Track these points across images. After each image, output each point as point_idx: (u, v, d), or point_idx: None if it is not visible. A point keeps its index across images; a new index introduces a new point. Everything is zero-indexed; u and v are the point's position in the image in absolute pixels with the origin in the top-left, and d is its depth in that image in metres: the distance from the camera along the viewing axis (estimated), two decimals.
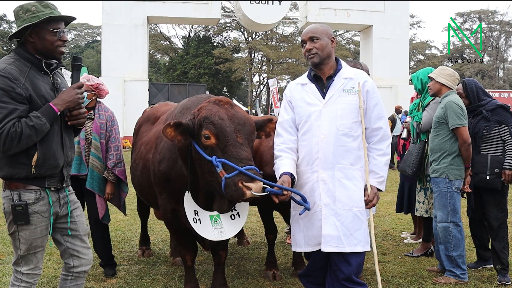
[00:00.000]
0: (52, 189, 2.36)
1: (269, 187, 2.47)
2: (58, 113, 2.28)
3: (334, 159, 2.58)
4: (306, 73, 2.81)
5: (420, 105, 4.45)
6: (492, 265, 4.09)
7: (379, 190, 2.64)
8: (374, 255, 2.68)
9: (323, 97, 2.65)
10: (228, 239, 3.42)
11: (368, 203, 2.60)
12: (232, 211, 2.89)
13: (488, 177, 3.78)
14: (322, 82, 2.70)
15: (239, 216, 2.92)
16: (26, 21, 2.26)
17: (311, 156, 2.62)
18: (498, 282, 3.74)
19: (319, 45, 2.63)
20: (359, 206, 2.60)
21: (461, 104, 3.76)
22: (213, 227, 2.85)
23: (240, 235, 4.95)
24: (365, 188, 2.62)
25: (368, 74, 3.90)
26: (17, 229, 2.29)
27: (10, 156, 2.23)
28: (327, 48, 2.65)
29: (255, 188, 2.39)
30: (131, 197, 6.15)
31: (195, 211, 2.87)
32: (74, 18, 2.40)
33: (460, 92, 3.98)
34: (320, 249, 2.60)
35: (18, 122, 2.16)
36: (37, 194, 2.29)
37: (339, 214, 2.56)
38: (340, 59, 2.79)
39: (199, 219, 2.86)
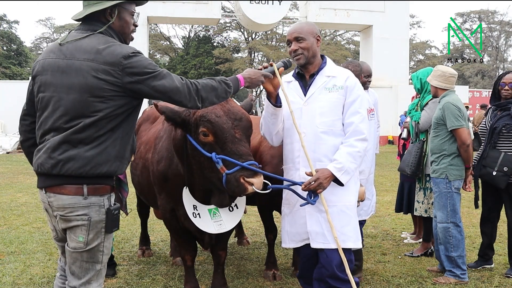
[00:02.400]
0: None
1: (270, 184, 2.51)
2: (242, 87, 2.32)
3: (315, 157, 2.58)
4: (293, 71, 2.83)
5: (419, 105, 4.46)
6: (492, 265, 4.09)
7: (338, 182, 2.50)
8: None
9: (305, 95, 2.66)
10: (228, 239, 3.44)
11: (307, 186, 2.47)
12: None
13: (494, 173, 3.78)
14: (306, 80, 2.71)
15: (237, 208, 2.95)
16: None
17: (293, 154, 2.65)
18: (505, 274, 3.86)
19: (304, 45, 2.63)
20: (344, 201, 2.58)
21: (459, 104, 3.73)
22: (212, 220, 2.88)
23: (240, 235, 4.95)
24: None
25: (371, 75, 3.91)
26: (103, 239, 2.05)
27: (121, 148, 2.05)
28: (313, 48, 2.65)
29: (257, 183, 2.42)
30: (131, 197, 6.14)
31: (193, 205, 2.89)
32: (146, 1, 2.31)
33: None
34: (304, 246, 2.63)
35: (193, 81, 2.15)
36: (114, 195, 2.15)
37: (323, 210, 2.54)
38: (326, 56, 2.79)
39: (198, 214, 2.88)
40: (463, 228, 3.79)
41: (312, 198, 2.52)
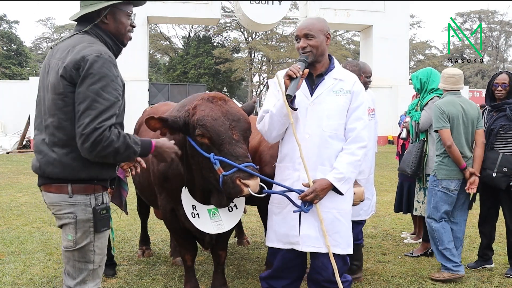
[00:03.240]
0: None
1: (266, 187, 2.51)
2: (151, 153, 2.14)
3: (317, 160, 2.54)
4: None
5: (418, 105, 4.46)
6: (492, 265, 4.10)
7: (337, 191, 2.51)
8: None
9: (311, 95, 2.60)
10: (228, 239, 3.44)
11: (304, 197, 2.47)
12: None
13: (494, 174, 3.79)
14: (312, 78, 2.65)
15: (237, 208, 2.94)
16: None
17: (294, 154, 2.57)
18: (505, 274, 3.87)
19: (314, 43, 2.55)
20: (339, 208, 2.56)
21: (444, 107, 3.76)
22: (211, 220, 2.88)
23: (240, 235, 4.96)
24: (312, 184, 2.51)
25: (371, 75, 3.91)
26: (93, 239, 2.04)
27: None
28: (322, 46, 2.58)
29: (253, 185, 2.42)
30: (131, 197, 6.13)
31: (193, 206, 2.89)
32: (144, 2, 2.25)
33: (504, 82, 3.91)
34: (290, 249, 2.60)
35: (116, 129, 1.94)
36: (108, 196, 2.13)
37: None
38: (333, 57, 2.74)
39: (197, 214, 2.88)
40: (446, 223, 3.84)
41: (306, 206, 2.51)
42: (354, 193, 2.73)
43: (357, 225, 3.68)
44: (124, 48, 2.26)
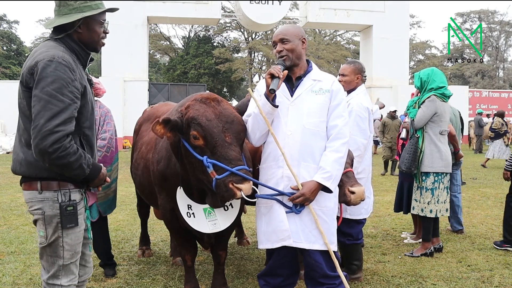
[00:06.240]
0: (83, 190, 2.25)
1: (258, 193, 2.58)
2: (99, 176, 2.17)
3: (300, 156, 2.61)
4: None
5: (417, 103, 4.47)
6: None
7: (326, 189, 2.58)
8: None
9: (291, 95, 2.68)
10: (228, 239, 3.44)
11: (294, 200, 2.54)
12: None
13: None
14: (292, 81, 2.74)
15: (232, 207, 2.94)
16: (77, 9, 2.11)
17: (277, 152, 2.63)
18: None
19: (289, 47, 2.66)
20: (321, 205, 2.62)
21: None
22: (207, 219, 2.88)
23: (240, 235, 4.96)
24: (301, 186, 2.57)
25: (363, 72, 3.85)
26: (61, 235, 2.09)
27: None
28: (297, 50, 2.68)
29: (245, 189, 2.43)
30: (131, 197, 6.15)
31: (188, 205, 2.89)
32: (117, 9, 2.34)
33: None
34: (281, 246, 2.66)
35: (75, 145, 2.01)
36: (80, 194, 2.16)
37: (299, 210, 2.60)
38: (311, 61, 2.83)
39: (193, 213, 2.88)
40: None
41: (298, 208, 2.58)
42: (354, 193, 2.75)
43: (358, 225, 3.68)
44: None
